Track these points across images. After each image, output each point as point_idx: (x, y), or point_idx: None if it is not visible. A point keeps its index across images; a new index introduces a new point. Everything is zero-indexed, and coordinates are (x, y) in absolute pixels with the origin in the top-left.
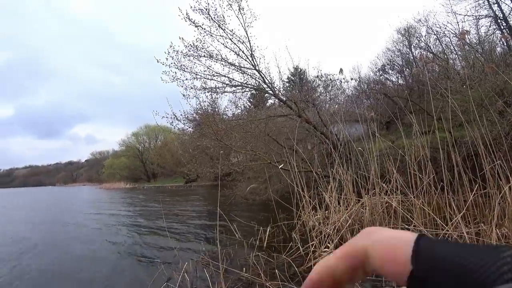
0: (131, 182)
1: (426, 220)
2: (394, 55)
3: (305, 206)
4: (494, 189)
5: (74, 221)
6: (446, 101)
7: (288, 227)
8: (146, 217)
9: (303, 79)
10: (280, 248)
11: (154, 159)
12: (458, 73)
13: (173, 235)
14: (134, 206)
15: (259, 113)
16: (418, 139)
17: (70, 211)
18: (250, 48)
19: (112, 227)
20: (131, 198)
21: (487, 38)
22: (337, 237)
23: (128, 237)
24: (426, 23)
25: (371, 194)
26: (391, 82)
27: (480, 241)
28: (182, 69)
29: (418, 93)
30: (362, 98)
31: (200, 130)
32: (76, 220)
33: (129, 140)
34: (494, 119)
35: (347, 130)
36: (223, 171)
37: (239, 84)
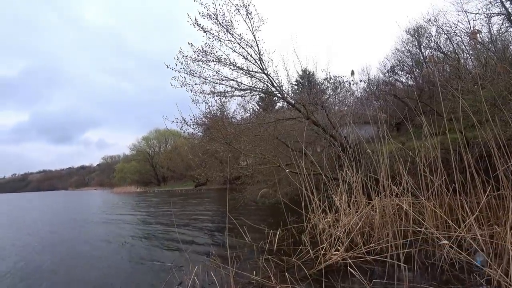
0: (141, 186)
1: (438, 223)
2: (403, 56)
3: (315, 209)
4: (508, 190)
5: (85, 224)
6: (457, 101)
7: (298, 230)
8: (157, 220)
9: (312, 82)
10: (290, 251)
11: (164, 163)
12: (469, 72)
13: (184, 238)
14: (144, 210)
15: (267, 116)
16: (428, 141)
17: (81, 214)
18: (258, 51)
19: (123, 230)
20: (141, 202)
21: (500, 36)
22: (347, 240)
23: (139, 241)
24: (436, 23)
25: (382, 197)
26: (401, 83)
27: (494, 243)
28: (191, 74)
29: (429, 94)
30: (372, 100)
31: (210, 134)
32: (87, 223)
33: (139, 144)
34: (507, 119)
35: (356, 132)
36: (233, 174)
37: (248, 88)
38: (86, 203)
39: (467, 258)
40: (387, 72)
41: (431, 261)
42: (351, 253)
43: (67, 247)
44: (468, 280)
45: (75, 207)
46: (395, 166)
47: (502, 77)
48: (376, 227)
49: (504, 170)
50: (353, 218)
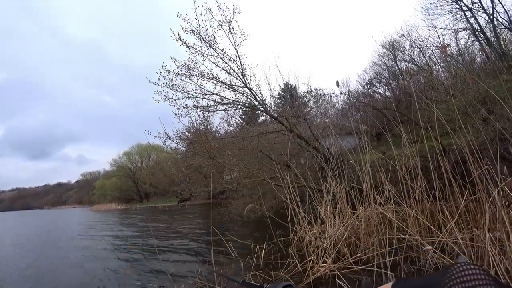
0: (123, 203)
1: (421, 229)
2: (380, 69)
3: (301, 221)
4: (484, 194)
5: (61, 246)
6: (432, 111)
7: (285, 244)
8: (138, 239)
9: (294, 95)
10: (277, 265)
11: (146, 178)
12: (442, 83)
13: (167, 257)
14: (125, 228)
15: (251, 129)
16: (407, 149)
17: (57, 235)
18: (241, 66)
19: (102, 251)
20: (122, 220)
21: (467, 49)
22: (334, 251)
23: (119, 261)
24: (409, 37)
25: (366, 206)
26: (379, 94)
27: (474, 246)
28: (174, 88)
29: (406, 104)
30: (352, 111)
31: (193, 148)
32: (63, 244)
33: (120, 160)
34: (478, 126)
35: (338, 143)
36: (217, 189)
37: (231, 102)
38: (62, 223)
39: (450, 262)
40: (365, 85)
41: (416, 267)
42: (338, 264)
43: (39, 272)
44: None
45: (50, 228)
46: (377, 175)
47: (471, 87)
48: (362, 236)
49: (479, 174)
50: (339, 229)
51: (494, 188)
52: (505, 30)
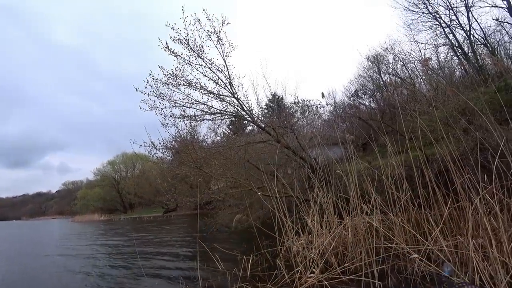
0: (106, 214)
1: (407, 237)
2: (365, 81)
3: (288, 232)
4: (466, 202)
5: (35, 263)
6: (415, 121)
7: (272, 254)
8: (120, 253)
9: (281, 105)
10: (265, 276)
11: (131, 188)
12: (424, 95)
13: (151, 272)
14: (107, 240)
15: (238, 139)
16: (393, 159)
17: (33, 250)
18: (229, 76)
19: (81, 268)
20: (105, 231)
21: (447, 63)
22: (322, 261)
23: (100, 278)
24: (392, 51)
25: (352, 215)
26: (364, 105)
27: (458, 253)
28: (161, 97)
29: (390, 115)
30: (338, 122)
31: (179, 158)
32: (37, 261)
33: (104, 169)
34: (459, 136)
35: (325, 153)
36: (203, 199)
37: (218, 112)
38: (41, 235)
39: (436, 270)
40: (351, 96)
41: (403, 276)
42: (326, 274)
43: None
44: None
45: (28, 239)
46: (364, 185)
47: (451, 99)
48: (349, 246)
49: (461, 183)
50: (326, 239)
51: (476, 196)
52: (481, 46)
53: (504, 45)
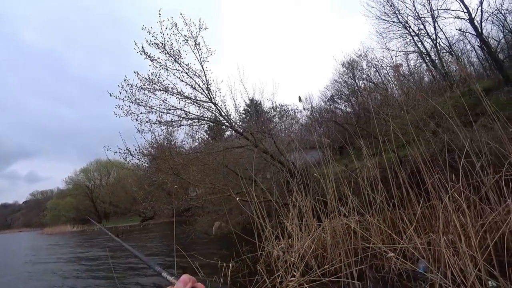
0: (79, 224)
1: (383, 237)
2: (341, 86)
3: (268, 236)
4: (437, 200)
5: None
6: (388, 125)
7: (253, 260)
8: (94, 266)
9: (259, 110)
10: (246, 283)
11: (106, 197)
12: (396, 100)
13: (126, 283)
14: (79, 254)
15: (216, 145)
16: (368, 161)
17: None
18: (206, 81)
19: (51, 281)
20: (76, 244)
21: (416, 70)
22: (302, 265)
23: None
24: (366, 58)
25: (331, 218)
26: (340, 110)
27: (431, 250)
28: (137, 103)
29: (365, 119)
30: (315, 126)
31: (156, 164)
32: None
33: (77, 177)
34: (429, 138)
35: (303, 157)
36: (182, 206)
37: (196, 117)
38: (4, 250)
39: (411, 267)
40: (327, 101)
41: (381, 274)
42: (307, 277)
43: None
44: (414, 287)
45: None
46: (341, 187)
47: (421, 103)
48: (328, 248)
49: (431, 182)
50: (306, 242)
51: (445, 195)
52: (447, 54)
53: (467, 53)
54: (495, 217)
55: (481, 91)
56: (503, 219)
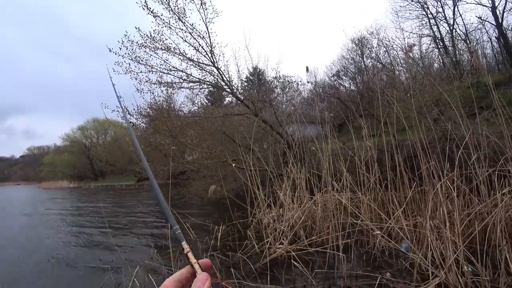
0: (75, 181)
1: (372, 215)
2: (348, 63)
3: (260, 204)
4: (429, 187)
5: (7, 225)
6: (391, 107)
7: (243, 226)
8: (91, 219)
9: (262, 79)
10: (235, 246)
11: (102, 156)
12: (402, 83)
13: (121, 239)
14: (77, 208)
15: (216, 110)
16: (367, 141)
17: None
18: (210, 44)
19: (52, 232)
20: (74, 199)
21: (427, 54)
22: (291, 234)
23: (71, 243)
24: (377, 36)
25: (323, 192)
26: (344, 87)
27: (416, 232)
28: (137, 61)
29: (368, 99)
30: (317, 101)
31: (154, 126)
32: (9, 224)
33: (74, 134)
34: (430, 125)
35: (302, 131)
36: (178, 169)
37: (197, 80)
38: (5, 201)
39: (395, 246)
40: (332, 76)
41: (365, 249)
42: (294, 246)
43: None
44: (395, 264)
45: None
46: (337, 164)
47: (428, 89)
48: (318, 220)
49: (426, 168)
50: (297, 213)
51: (438, 182)
52: (461, 42)
53: (482, 43)
54: (481, 208)
55: (492, 84)
56: (489, 211)
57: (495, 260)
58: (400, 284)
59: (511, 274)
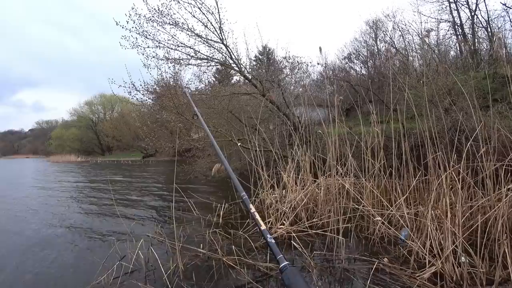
0: (83, 155)
1: (374, 202)
2: (360, 46)
3: (264, 184)
4: (434, 177)
5: (16, 196)
6: (402, 94)
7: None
8: (98, 192)
9: (271, 59)
10: (237, 224)
11: (109, 131)
12: (415, 69)
13: (127, 212)
14: (85, 181)
15: (223, 89)
16: (375, 127)
17: (11, 185)
18: (219, 20)
19: (60, 203)
20: (83, 172)
21: (444, 41)
22: (292, 215)
23: (78, 214)
24: (393, 19)
25: (327, 176)
26: (355, 71)
27: (417, 221)
28: (144, 35)
29: (378, 85)
30: (326, 84)
31: (161, 102)
32: (18, 194)
33: (81, 109)
34: (440, 115)
35: (309, 113)
36: (183, 146)
37: (205, 57)
38: (18, 172)
39: (394, 233)
40: (343, 59)
41: (364, 235)
42: (295, 227)
43: None
44: (393, 251)
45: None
46: (342, 148)
47: (441, 77)
48: (320, 203)
49: (432, 158)
50: (299, 195)
51: (443, 172)
52: (482, 29)
53: (504, 33)
54: (485, 202)
55: (510, 75)
56: (493, 205)
57: (492, 253)
58: (397, 270)
59: (507, 268)
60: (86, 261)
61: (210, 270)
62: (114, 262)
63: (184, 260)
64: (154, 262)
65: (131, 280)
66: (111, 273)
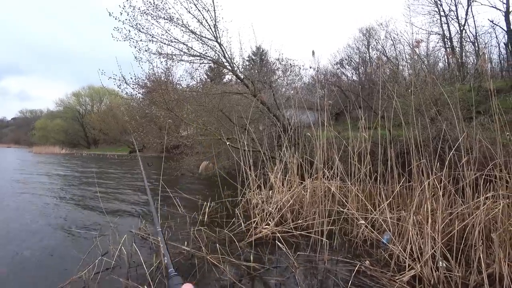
0: (67, 148)
1: (359, 205)
2: (353, 52)
3: (251, 184)
4: (417, 183)
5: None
6: (391, 102)
7: (232, 204)
8: (80, 186)
9: (264, 60)
10: (223, 223)
11: (96, 124)
12: (404, 78)
13: (110, 207)
14: (67, 174)
15: (214, 87)
16: (363, 133)
17: None
18: (215, 18)
19: (40, 196)
20: (67, 164)
21: (433, 52)
22: (278, 215)
23: (58, 208)
24: (386, 28)
25: (314, 178)
26: (346, 76)
27: (399, 225)
28: (137, 28)
29: (368, 91)
30: (317, 87)
31: (151, 97)
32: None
33: (68, 100)
34: (426, 124)
35: (299, 116)
36: (171, 142)
37: (198, 54)
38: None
39: (377, 236)
40: (335, 64)
41: (348, 237)
42: (280, 227)
43: None
44: (375, 254)
45: None
46: (330, 152)
47: (429, 88)
48: (305, 205)
49: (417, 165)
50: (285, 196)
51: (426, 179)
52: (469, 44)
53: (490, 48)
54: (464, 209)
55: (493, 89)
56: (471, 212)
57: (469, 259)
58: (377, 272)
59: (482, 273)
60: (67, 256)
61: (193, 268)
62: (96, 257)
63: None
64: (137, 259)
65: (113, 276)
66: (92, 268)
